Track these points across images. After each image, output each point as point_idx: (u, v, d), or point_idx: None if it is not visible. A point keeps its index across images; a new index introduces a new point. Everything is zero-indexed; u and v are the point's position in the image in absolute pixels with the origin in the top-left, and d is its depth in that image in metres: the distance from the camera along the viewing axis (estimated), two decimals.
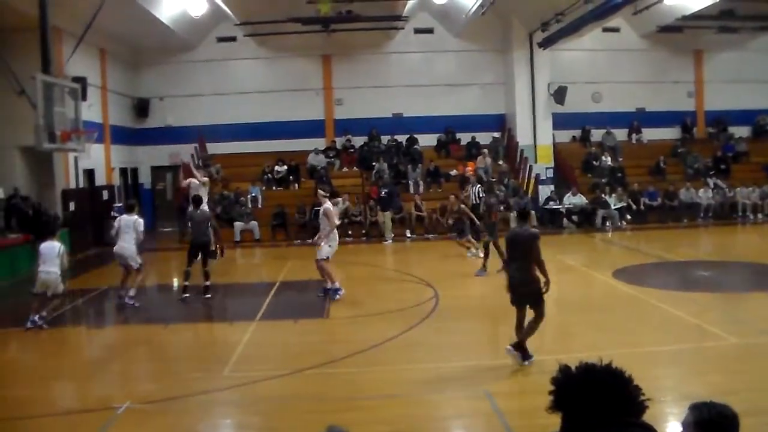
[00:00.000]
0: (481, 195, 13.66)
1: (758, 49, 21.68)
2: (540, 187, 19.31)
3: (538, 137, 20.12)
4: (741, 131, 22.17)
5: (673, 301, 9.47)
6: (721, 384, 6.21)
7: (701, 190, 19.64)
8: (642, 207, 19.24)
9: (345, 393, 6.37)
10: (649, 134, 21.62)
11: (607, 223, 18.51)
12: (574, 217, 19.01)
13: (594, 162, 19.86)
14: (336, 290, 9.88)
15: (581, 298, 10.04)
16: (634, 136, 21.31)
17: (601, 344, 7.38)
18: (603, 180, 19.40)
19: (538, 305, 6.70)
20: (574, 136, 21.44)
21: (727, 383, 6.25)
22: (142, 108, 20.40)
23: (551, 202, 18.96)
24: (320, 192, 10.40)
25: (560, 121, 20.41)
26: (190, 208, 10.51)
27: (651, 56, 21.64)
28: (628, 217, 18.93)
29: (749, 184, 19.87)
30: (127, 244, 9.80)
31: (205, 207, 10.76)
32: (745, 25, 20.38)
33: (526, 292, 6.76)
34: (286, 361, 7.31)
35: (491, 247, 11.93)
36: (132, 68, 20.51)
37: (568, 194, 18.90)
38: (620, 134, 21.41)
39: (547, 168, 19.83)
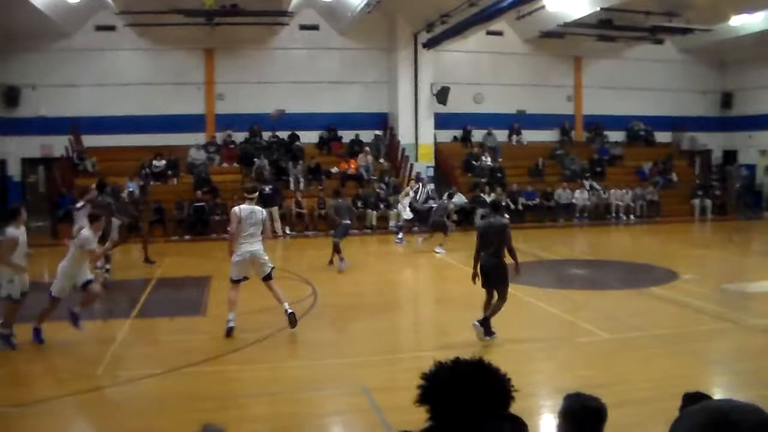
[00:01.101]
0: (431, 195, 17.90)
1: (634, 58, 28.15)
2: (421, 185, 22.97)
3: (420, 136, 25.19)
4: (616, 136, 28.38)
5: (549, 299, 11.76)
6: (594, 377, 7.70)
7: (577, 191, 25.12)
8: (520, 207, 23.29)
9: (222, 391, 7.55)
10: (529, 136, 27.49)
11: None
12: (455, 216, 22.70)
13: (474, 162, 24.24)
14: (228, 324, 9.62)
15: (461, 296, 11.67)
16: (514, 137, 26.77)
17: (475, 342, 8.97)
18: (483, 180, 23.77)
19: (504, 289, 9.20)
20: (455, 136, 26.95)
21: (599, 376, 7.76)
22: (11, 96, 23.48)
23: (431, 201, 22.62)
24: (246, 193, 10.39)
25: (442, 121, 25.75)
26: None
27: (533, 60, 27.43)
28: (507, 216, 22.82)
29: (623, 187, 24.74)
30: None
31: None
32: (622, 34, 26.21)
33: (496, 277, 9.17)
34: (162, 360, 8.46)
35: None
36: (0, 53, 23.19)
37: (446, 194, 22.78)
38: (501, 135, 27.13)
39: (428, 167, 24.57)
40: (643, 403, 6.86)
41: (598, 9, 22.23)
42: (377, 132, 25.72)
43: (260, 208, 9.97)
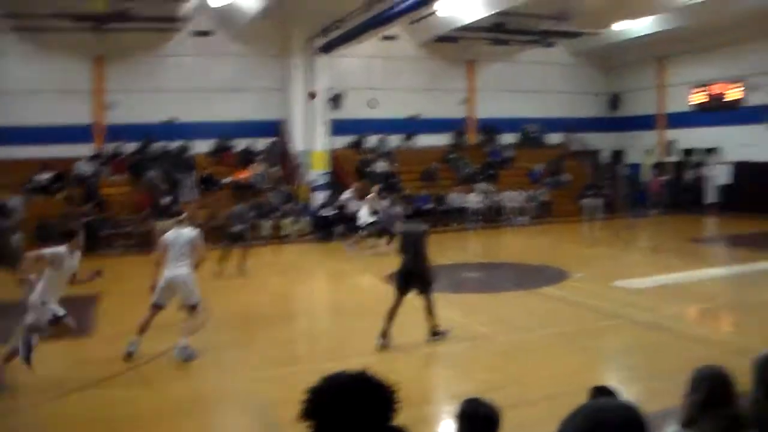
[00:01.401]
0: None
1: (526, 62, 30.70)
2: (315, 193, 24.33)
3: (314, 143, 26.87)
4: (509, 138, 30.96)
5: (444, 303, 11.68)
6: (491, 380, 8.29)
7: (471, 194, 25.79)
8: (414, 211, 24.54)
9: (112, 415, 7.73)
10: (423, 140, 29.51)
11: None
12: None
13: (369, 167, 25.31)
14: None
15: (355, 304, 12.55)
16: (408, 141, 27.16)
17: (373, 350, 9.61)
18: (378, 185, 24.70)
19: (428, 290, 10.22)
20: (349, 142, 28.42)
21: (496, 379, 8.40)
22: None
23: (326, 208, 24.01)
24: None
25: (337, 127, 27.33)
26: None
27: (427, 65, 29.62)
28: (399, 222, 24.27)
29: (515, 189, 26.44)
30: None
31: None
32: (514, 38, 28.70)
33: (419, 279, 10.17)
34: (47, 384, 8.49)
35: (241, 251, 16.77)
36: None
37: (345, 192, 24.21)
38: (395, 140, 28.74)
39: (322, 174, 26.14)
40: (540, 402, 7.60)
41: (491, 13, 24.03)
42: (271, 140, 27.05)
43: (188, 230, 10.07)
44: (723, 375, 3.42)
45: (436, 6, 22.14)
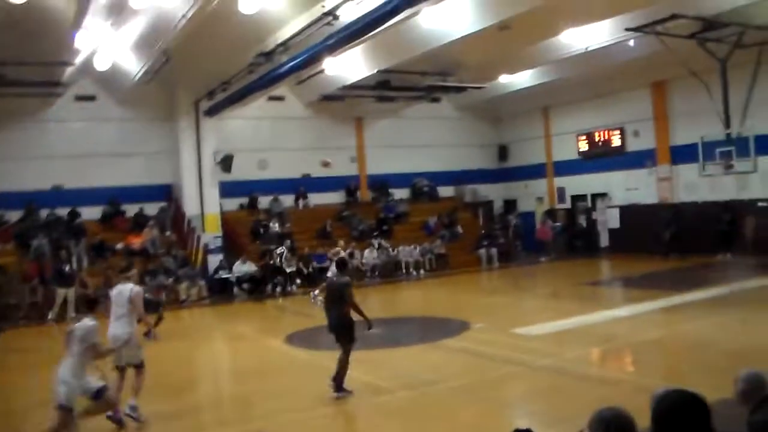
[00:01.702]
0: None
1: (414, 117, 33.73)
2: (210, 256, 25.66)
3: (206, 206, 28.40)
4: (401, 193, 33.55)
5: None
6: None
7: (366, 250, 27.74)
8: (311, 270, 26.17)
9: None
10: (316, 199, 31.63)
11: (278, 289, 25.74)
12: (245, 285, 26.14)
13: (262, 229, 26.87)
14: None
15: (257, 366, 12.91)
16: (300, 201, 29.55)
17: (278, 410, 10.00)
18: (272, 246, 26.38)
19: (349, 344, 10.85)
20: (241, 204, 30.27)
21: None
22: None
23: (221, 271, 25.32)
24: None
25: (228, 189, 29.16)
26: None
27: (315, 123, 31.95)
28: (298, 281, 25.76)
29: (410, 243, 28.36)
30: None
31: None
32: (400, 94, 31.16)
33: (342, 332, 10.84)
34: None
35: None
36: None
37: (238, 262, 25.72)
38: (287, 200, 30.63)
39: (215, 237, 27.71)
40: None
41: (376, 71, 25.98)
42: (162, 204, 28.56)
43: (130, 286, 10.31)
44: (620, 415, 3.52)
45: (321, 66, 23.56)
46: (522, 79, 30.07)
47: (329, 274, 20.44)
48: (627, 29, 22.07)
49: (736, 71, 23.36)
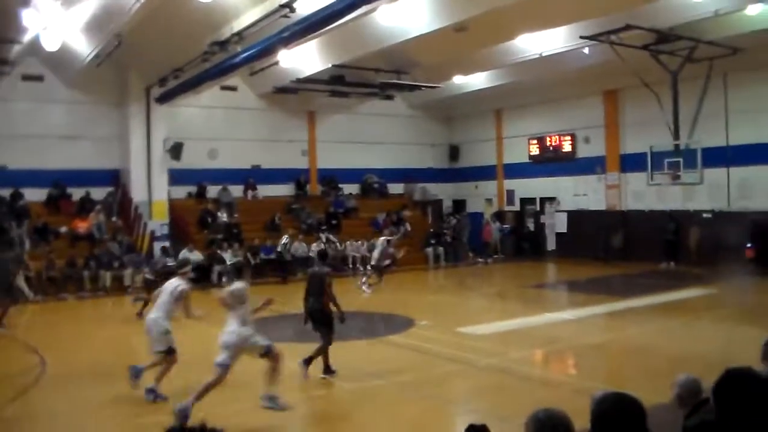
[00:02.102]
0: None
1: (365, 113, 33.91)
2: (155, 243, 25.54)
3: (154, 193, 28.25)
4: (351, 188, 33.60)
5: (290, 354, 11.97)
6: (337, 430, 9.17)
7: (314, 244, 27.90)
8: (259, 261, 26.13)
9: None
10: (265, 191, 31.35)
11: (223, 279, 25.72)
12: (191, 274, 25.13)
13: (210, 218, 26.78)
14: None
15: (201, 357, 12.03)
16: (249, 192, 29.71)
17: (219, 402, 9.60)
18: (219, 236, 26.48)
19: (328, 332, 11.52)
20: (190, 193, 30.22)
21: (342, 428, 9.27)
22: None
23: (167, 259, 25.03)
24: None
25: (176, 177, 29.07)
26: None
27: (267, 115, 31.84)
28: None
29: (358, 238, 28.34)
30: None
31: None
32: (354, 90, 31.12)
33: (321, 320, 11.55)
34: None
35: None
36: None
37: (184, 250, 25.57)
38: (236, 191, 30.49)
39: (162, 224, 27.61)
40: None
41: (330, 66, 26.10)
42: (110, 189, 28.32)
43: (177, 282, 11.00)
44: (555, 416, 3.55)
45: (276, 58, 23.48)
46: (476, 80, 30.36)
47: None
48: (582, 37, 22.44)
49: (686, 84, 23.87)
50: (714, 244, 25.36)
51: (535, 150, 33.47)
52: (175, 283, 11.00)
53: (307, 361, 11.57)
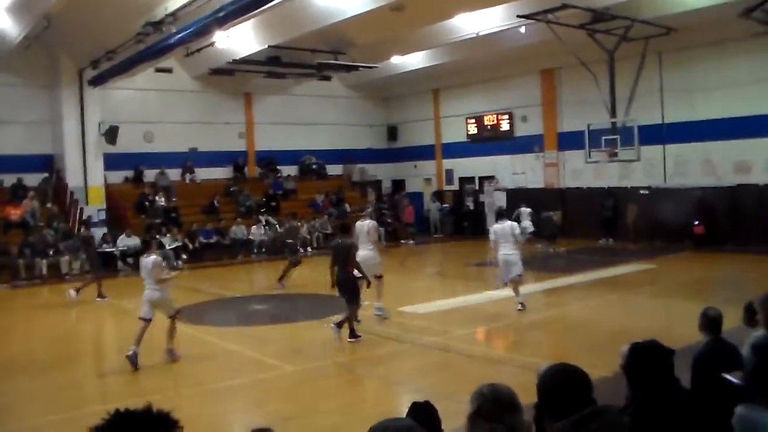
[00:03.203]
0: None
1: (302, 94, 33.96)
2: (93, 229, 25.09)
3: (89, 178, 27.94)
4: (289, 170, 33.54)
5: (232, 337, 13.13)
6: (283, 411, 8.95)
7: (253, 227, 27.72)
8: (197, 245, 26.11)
9: None
10: (203, 174, 31.30)
11: (163, 264, 24.97)
12: (129, 259, 25.91)
13: (147, 203, 26.68)
14: None
15: (143, 342, 12.09)
16: (187, 176, 29.54)
17: (165, 386, 10.08)
18: (157, 220, 26.44)
19: (354, 298, 12.88)
20: (127, 177, 30.06)
21: (288, 409, 9.04)
22: None
23: (105, 245, 25.01)
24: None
25: (112, 162, 28.76)
26: None
27: (203, 97, 31.67)
28: (184, 256, 25.92)
29: (298, 220, 28.30)
30: None
31: None
32: (290, 71, 31.09)
33: (347, 287, 12.82)
34: None
35: None
36: None
37: (122, 236, 25.41)
38: (174, 174, 30.62)
39: (99, 210, 27.35)
40: (332, 430, 8.37)
41: (266, 46, 26.05)
42: (44, 175, 27.81)
43: (153, 257, 12.09)
44: (498, 390, 3.53)
45: (211, 39, 23.46)
46: (414, 60, 30.59)
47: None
48: (519, 16, 22.69)
49: (622, 63, 24.28)
50: (651, 220, 26.05)
51: (473, 129, 33.84)
52: (147, 259, 12.10)
53: (339, 325, 12.63)
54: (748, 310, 6.94)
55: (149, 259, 11.96)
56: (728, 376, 6.08)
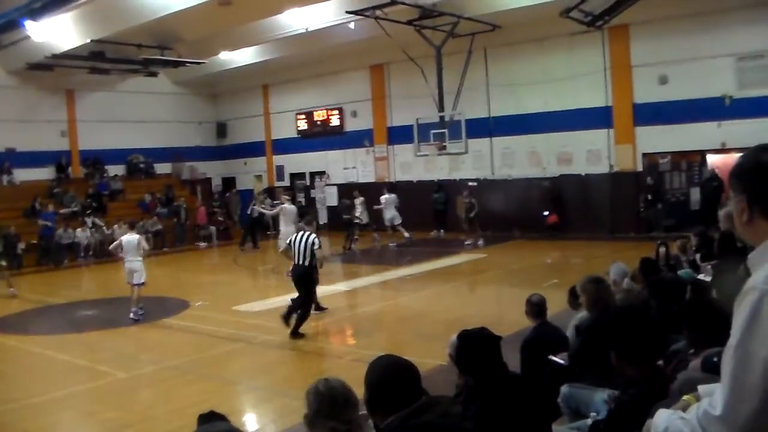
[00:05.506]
0: None
1: (128, 91, 32.77)
2: None
3: None
4: (117, 169, 32.23)
5: (59, 346, 12.64)
6: (118, 419, 8.77)
7: (79, 229, 26.67)
8: (19, 251, 24.87)
9: None
10: (22, 175, 29.65)
11: None
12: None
13: None
14: None
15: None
16: (5, 177, 28.13)
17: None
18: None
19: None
20: None
21: (123, 417, 8.87)
22: None
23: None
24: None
25: None
26: None
27: (20, 94, 29.98)
28: (3, 263, 24.24)
29: (126, 221, 27.50)
30: None
31: None
32: (115, 67, 30.00)
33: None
34: None
35: None
36: None
37: None
38: None
39: None
40: None
41: (89, 41, 24.97)
42: None
43: (135, 235, 15.82)
44: (335, 386, 3.60)
45: (27, 32, 22.14)
46: (242, 56, 30.34)
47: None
48: (348, 12, 22.91)
49: (450, 58, 24.77)
50: (481, 210, 26.56)
51: (303, 125, 33.84)
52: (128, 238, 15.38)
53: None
54: (572, 294, 7.57)
55: None
56: (554, 358, 6.58)
